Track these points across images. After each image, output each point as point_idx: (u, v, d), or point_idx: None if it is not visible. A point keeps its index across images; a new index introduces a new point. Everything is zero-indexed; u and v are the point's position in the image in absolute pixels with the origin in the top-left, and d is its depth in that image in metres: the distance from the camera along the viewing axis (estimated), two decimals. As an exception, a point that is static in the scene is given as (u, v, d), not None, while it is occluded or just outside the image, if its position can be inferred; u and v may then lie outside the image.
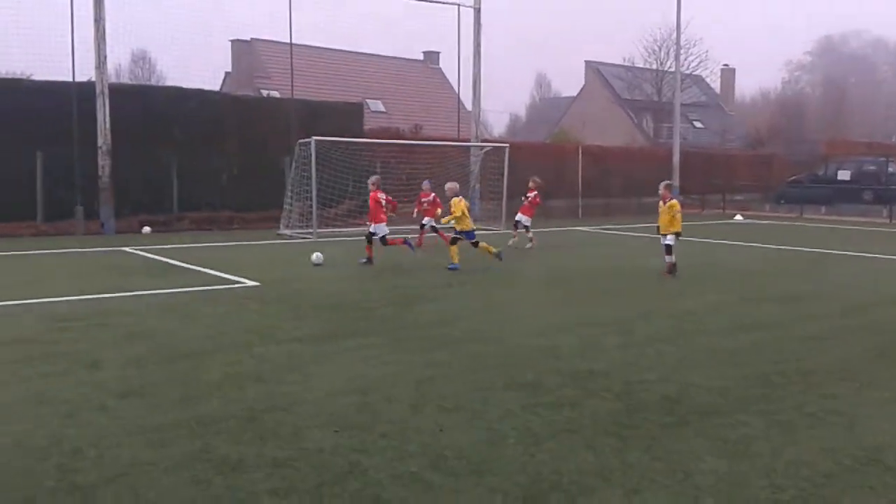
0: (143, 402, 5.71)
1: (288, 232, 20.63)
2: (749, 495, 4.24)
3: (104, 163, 20.26)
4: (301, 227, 20.87)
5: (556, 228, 23.98)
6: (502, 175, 24.21)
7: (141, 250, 15.95)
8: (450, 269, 12.86)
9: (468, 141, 27.67)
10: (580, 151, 31.57)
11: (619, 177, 32.74)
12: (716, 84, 60.26)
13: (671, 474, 4.49)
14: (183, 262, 14.03)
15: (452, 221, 13.27)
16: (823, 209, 32.28)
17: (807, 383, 6.41)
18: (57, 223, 20.07)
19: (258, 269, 13.03)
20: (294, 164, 21.55)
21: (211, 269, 13.12)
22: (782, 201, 35.00)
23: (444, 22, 32.63)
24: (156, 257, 14.67)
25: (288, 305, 9.77)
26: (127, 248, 16.28)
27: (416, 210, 17.46)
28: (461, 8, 26.74)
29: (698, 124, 54.12)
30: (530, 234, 17.16)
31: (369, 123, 29.31)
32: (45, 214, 20.36)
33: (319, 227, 20.29)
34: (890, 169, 33.34)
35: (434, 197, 17.20)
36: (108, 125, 20.26)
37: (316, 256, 13.62)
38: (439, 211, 16.69)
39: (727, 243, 19.32)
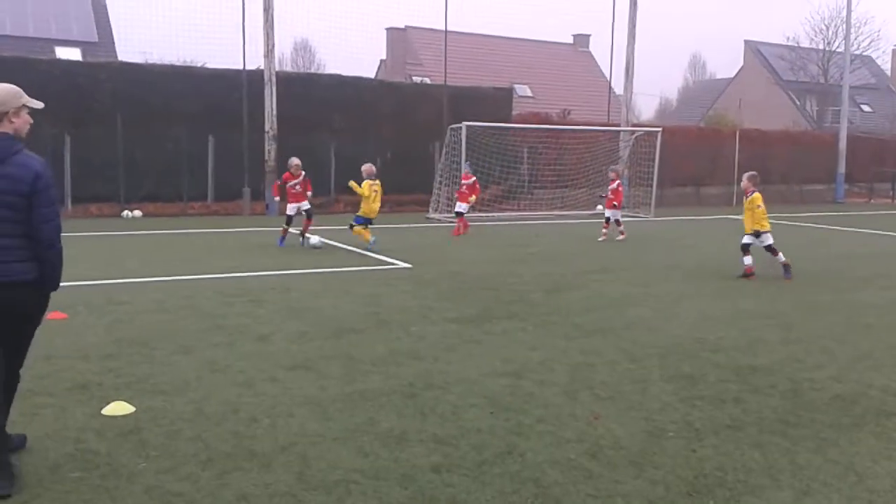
0: (310, 374, 6.02)
1: (437, 216, 21.00)
2: (933, 506, 3.98)
3: (270, 147, 21.37)
4: (449, 212, 21.17)
5: (710, 217, 23.11)
6: (653, 160, 23.57)
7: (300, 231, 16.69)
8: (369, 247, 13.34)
9: (617, 125, 27.10)
10: (737, 136, 30.17)
11: (780, 163, 31.02)
12: (886, 66, 55.84)
13: (843, 477, 4.28)
14: (340, 242, 14.59)
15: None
16: None
17: None
18: (225, 203, 21.41)
19: (409, 252, 13.37)
20: (444, 150, 21.89)
21: (365, 250, 13.58)
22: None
23: (597, 4, 32.03)
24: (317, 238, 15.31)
25: (440, 287, 9.97)
26: (291, 230, 17.09)
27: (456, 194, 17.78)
28: (616, -11, 26.10)
29: (866, 108, 50.41)
30: (620, 228, 16.04)
31: (517, 108, 29.27)
32: (216, 195, 21.74)
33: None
34: None
35: (475, 181, 17.35)
36: (274, 111, 21.32)
37: (317, 240, 13.90)
38: (473, 197, 17.22)
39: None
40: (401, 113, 24.04)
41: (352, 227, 13.93)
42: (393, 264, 12.03)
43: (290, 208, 14.13)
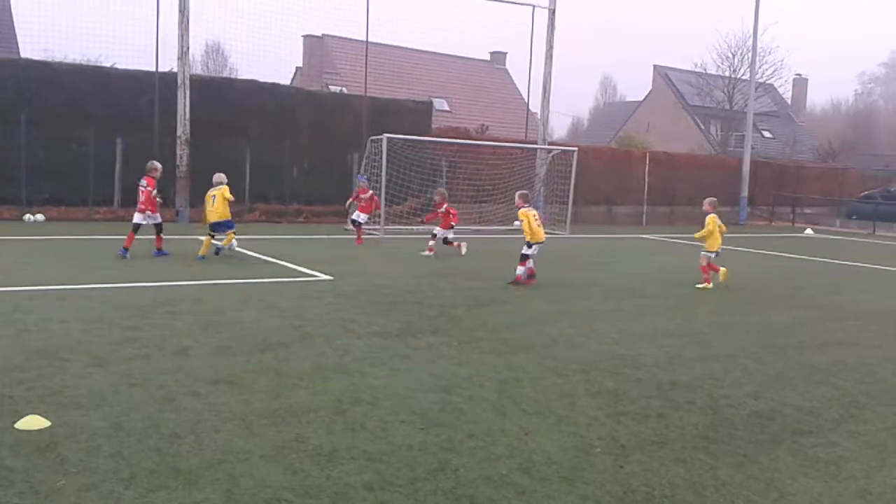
0: (234, 389, 5.85)
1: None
2: (849, 519, 4.16)
3: (182, 152, 20.77)
4: (368, 224, 21.05)
5: (621, 235, 23.75)
6: (568, 178, 24.06)
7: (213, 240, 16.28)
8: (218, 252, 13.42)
9: (534, 142, 27.58)
10: (647, 157, 31.16)
11: (687, 185, 32.22)
12: (787, 94, 58.87)
13: (766, 493, 4.43)
14: (256, 252, 14.30)
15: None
16: (897, 227, 31.30)
17: (898, 406, 6.25)
18: (133, 209, 20.62)
19: (329, 263, 13.21)
20: (364, 161, 21.78)
21: (283, 260, 13.37)
22: (854, 217, 34.05)
23: (515, 23, 32.56)
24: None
25: (362, 300, 9.88)
26: (200, 237, 16.62)
27: (348, 202, 18.12)
28: (535, 9, 26.61)
29: (767, 134, 52.94)
30: (456, 244, 15.78)
31: (436, 122, 29.43)
32: (123, 200, 20.97)
33: (386, 224, 20.46)
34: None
35: (372, 195, 17.63)
36: (187, 115, 20.76)
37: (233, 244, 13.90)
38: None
39: (801, 258, 18.89)
40: (319, 122, 23.81)
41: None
42: (314, 276, 11.86)
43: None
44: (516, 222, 12.63)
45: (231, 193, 13.60)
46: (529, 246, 11.90)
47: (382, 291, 10.66)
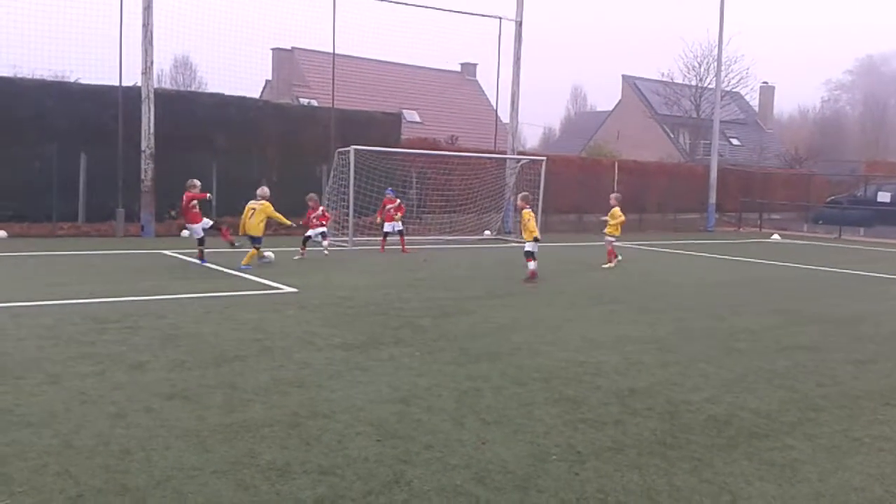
0: (188, 404, 5.76)
1: (325, 242, 20.69)
2: (800, 521, 4.17)
3: (147, 166, 20.55)
4: (336, 236, 20.97)
5: (592, 244, 23.84)
6: (538, 188, 24.15)
7: (180, 253, 16.16)
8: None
9: (503, 153, 27.67)
10: (616, 166, 31.40)
11: (656, 192, 32.52)
12: (754, 101, 59.66)
13: (718, 497, 4.44)
14: (221, 266, 14.18)
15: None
16: (862, 231, 31.75)
17: (853, 408, 6.31)
18: (97, 225, 20.43)
19: (295, 276, 13.13)
20: (332, 173, 21.70)
21: (248, 274, 13.25)
22: (820, 221, 34.50)
23: (484, 34, 32.75)
24: (195, 261, 14.82)
25: (326, 312, 9.81)
26: (166, 252, 16.49)
27: (378, 216, 18.87)
28: (503, 21, 26.75)
29: (735, 142, 53.59)
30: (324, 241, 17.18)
31: (406, 133, 29.45)
32: (87, 215, 20.73)
33: (354, 236, 20.39)
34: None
35: (399, 203, 18.78)
36: (152, 130, 20.57)
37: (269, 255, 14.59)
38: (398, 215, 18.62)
39: (766, 263, 19.08)
40: (287, 135, 23.71)
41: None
42: (278, 289, 11.77)
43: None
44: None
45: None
46: (536, 241, 13.46)
47: (347, 303, 10.59)
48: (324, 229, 17.26)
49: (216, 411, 5.62)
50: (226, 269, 13.83)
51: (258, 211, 14.31)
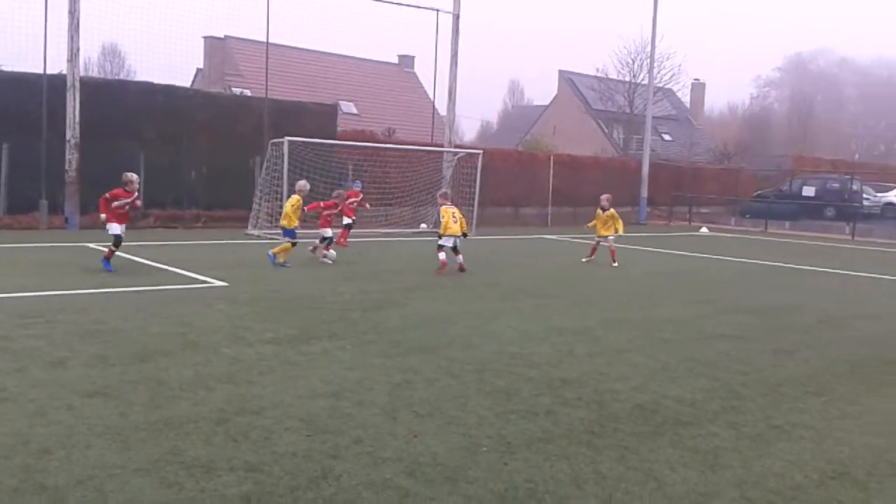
0: (111, 402, 5.60)
1: (256, 232, 20.43)
2: (721, 507, 4.28)
3: (72, 157, 19.89)
4: (269, 228, 20.68)
5: (528, 236, 24.06)
6: (474, 181, 24.24)
7: (105, 247, 15.66)
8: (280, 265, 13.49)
9: (441, 146, 27.68)
10: (552, 160, 31.74)
11: (590, 186, 32.91)
12: (686, 98, 61.04)
13: (644, 484, 4.52)
14: (148, 259, 13.83)
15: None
16: (787, 224, 32.79)
17: (775, 396, 6.50)
18: (19, 217, 19.69)
19: (226, 269, 12.89)
20: (265, 164, 21.37)
21: (177, 267, 12.95)
22: (747, 215, 35.50)
23: (421, 27, 32.65)
24: (120, 254, 14.39)
25: (257, 306, 9.66)
26: (91, 245, 16.00)
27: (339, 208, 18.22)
28: (440, 14, 26.71)
29: (667, 137, 54.74)
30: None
31: (342, 125, 29.18)
32: (8, 207, 19.98)
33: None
34: (853, 187, 34.02)
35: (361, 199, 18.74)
36: (77, 119, 19.92)
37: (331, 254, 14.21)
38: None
39: (695, 255, 19.55)
40: (218, 125, 23.19)
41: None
42: (207, 282, 11.53)
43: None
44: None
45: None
46: (440, 237, 13.80)
47: (279, 297, 10.45)
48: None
49: (139, 408, 5.48)
50: (152, 263, 13.48)
51: (287, 205, 14.24)
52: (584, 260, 16.36)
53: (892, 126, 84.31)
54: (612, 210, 16.08)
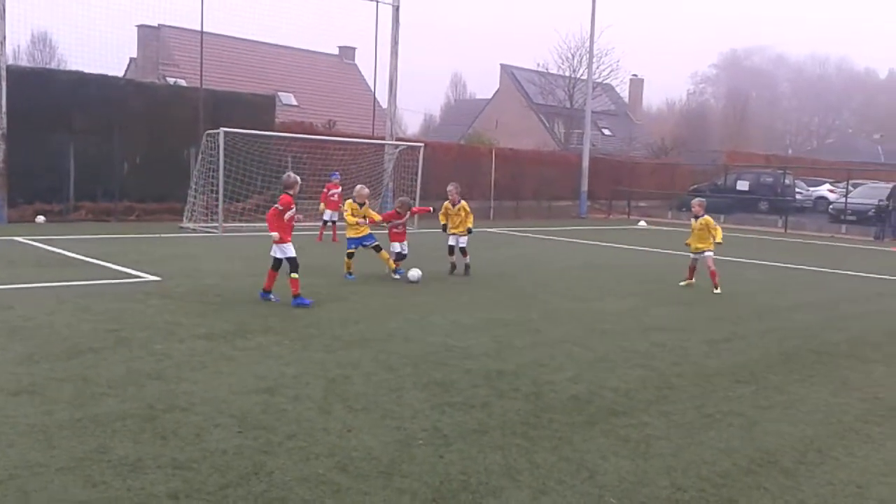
0: (36, 399, 5.41)
1: (191, 225, 20.04)
2: (651, 494, 4.33)
3: (-1, 148, 19.22)
4: (205, 221, 20.30)
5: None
6: (416, 174, 24.18)
7: (34, 241, 15.19)
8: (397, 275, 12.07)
9: (382, 139, 27.53)
10: (493, 154, 31.87)
11: (531, 180, 33.24)
12: (625, 93, 61.92)
13: (576, 474, 4.55)
14: (79, 254, 13.43)
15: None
16: (722, 217, 33.51)
17: (707, 385, 6.63)
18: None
19: (159, 263, 12.60)
20: (200, 156, 20.95)
21: (108, 262, 12.61)
22: (684, 209, 36.18)
23: (362, 17, 32.44)
24: (50, 248, 13.98)
25: (190, 301, 9.46)
26: (19, 238, 15.48)
27: (321, 203, 17.89)
28: (379, 4, 26.54)
29: (607, 132, 55.45)
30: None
31: (280, 117, 28.80)
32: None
33: (225, 222, 19.79)
34: (785, 181, 34.98)
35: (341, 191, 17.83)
36: (4, 109, 19.23)
37: (414, 273, 11.89)
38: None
39: (634, 248, 19.85)
40: (152, 115, 22.64)
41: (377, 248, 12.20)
42: (139, 277, 11.25)
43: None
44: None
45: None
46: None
47: (214, 291, 10.26)
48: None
49: (65, 406, 5.30)
50: (83, 258, 13.10)
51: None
52: (681, 284, 12.81)
53: (824, 122, 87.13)
54: (706, 217, 12.70)
